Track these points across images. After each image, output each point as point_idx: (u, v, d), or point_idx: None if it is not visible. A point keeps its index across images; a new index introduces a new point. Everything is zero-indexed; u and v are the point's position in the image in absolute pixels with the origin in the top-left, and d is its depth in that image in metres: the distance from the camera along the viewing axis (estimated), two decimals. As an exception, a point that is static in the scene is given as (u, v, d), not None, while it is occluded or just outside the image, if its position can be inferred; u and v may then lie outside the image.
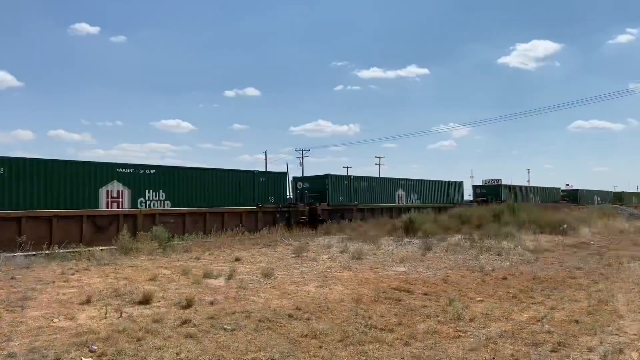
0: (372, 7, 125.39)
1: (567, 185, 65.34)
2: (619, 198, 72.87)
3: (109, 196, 18.29)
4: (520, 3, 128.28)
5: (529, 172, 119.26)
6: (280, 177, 25.23)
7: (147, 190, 19.48)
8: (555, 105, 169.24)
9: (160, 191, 19.94)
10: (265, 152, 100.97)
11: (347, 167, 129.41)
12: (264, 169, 56.78)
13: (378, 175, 31.62)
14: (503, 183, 44.70)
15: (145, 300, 7.26)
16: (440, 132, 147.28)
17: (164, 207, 19.76)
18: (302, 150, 67.94)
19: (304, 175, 25.57)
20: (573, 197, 56.60)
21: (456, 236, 18.09)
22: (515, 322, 7.01)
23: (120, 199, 18.67)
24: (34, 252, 13.02)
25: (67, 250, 13.52)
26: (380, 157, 79.94)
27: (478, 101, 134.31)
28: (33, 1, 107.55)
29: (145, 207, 19.23)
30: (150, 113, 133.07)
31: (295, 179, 29.49)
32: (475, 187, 45.43)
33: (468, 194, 43.53)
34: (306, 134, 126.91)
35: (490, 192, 42.35)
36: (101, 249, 13.09)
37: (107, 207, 18.14)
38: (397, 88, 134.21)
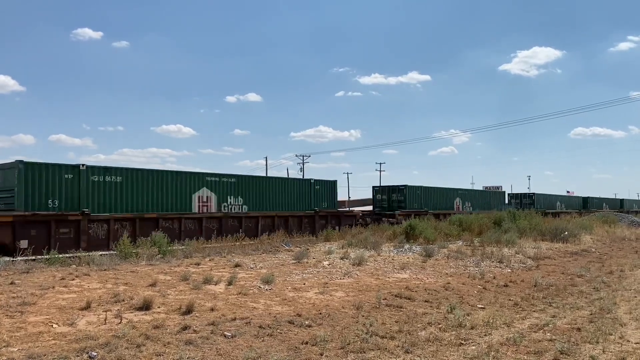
0: (374, 14, 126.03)
1: (568, 192, 65.52)
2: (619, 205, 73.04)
3: (200, 201, 21.68)
4: (521, 10, 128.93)
5: (529, 179, 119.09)
6: (331, 184, 28.84)
7: (229, 196, 22.69)
8: (556, 112, 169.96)
9: (239, 197, 23.27)
10: (266, 157, 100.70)
11: (347, 173, 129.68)
12: (264, 174, 56.84)
13: (432, 185, 36.92)
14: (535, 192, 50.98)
15: (146, 306, 7.22)
16: (441, 138, 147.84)
17: (241, 210, 23.25)
18: (303, 156, 68.18)
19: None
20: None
21: (457, 243, 18.03)
22: (516, 330, 6.98)
23: (209, 204, 22.03)
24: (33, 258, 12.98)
25: (67, 255, 13.50)
26: (380, 163, 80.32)
27: (479, 108, 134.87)
28: (36, 6, 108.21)
29: (228, 211, 22.65)
30: (152, 118, 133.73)
31: (374, 187, 35.06)
32: (509, 195, 51.02)
33: (506, 201, 49.24)
34: (307, 139, 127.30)
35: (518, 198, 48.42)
36: (100, 254, 13.05)
37: (198, 211, 21.45)
38: (398, 94, 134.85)
